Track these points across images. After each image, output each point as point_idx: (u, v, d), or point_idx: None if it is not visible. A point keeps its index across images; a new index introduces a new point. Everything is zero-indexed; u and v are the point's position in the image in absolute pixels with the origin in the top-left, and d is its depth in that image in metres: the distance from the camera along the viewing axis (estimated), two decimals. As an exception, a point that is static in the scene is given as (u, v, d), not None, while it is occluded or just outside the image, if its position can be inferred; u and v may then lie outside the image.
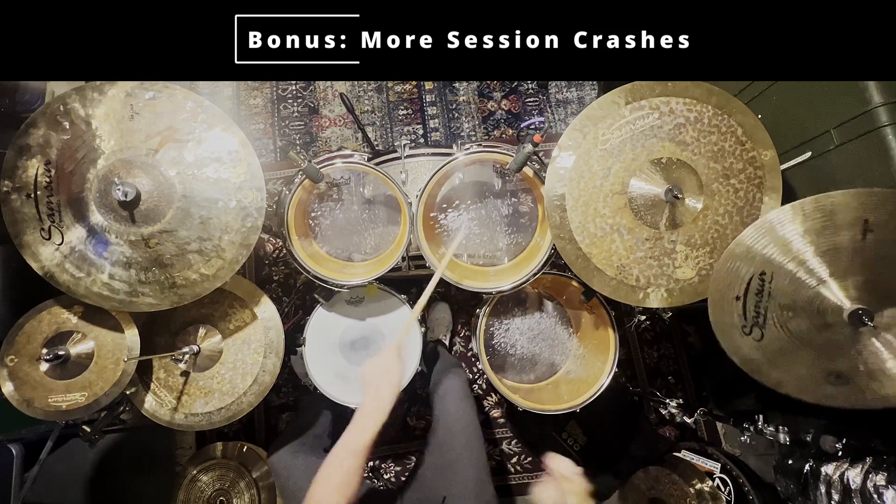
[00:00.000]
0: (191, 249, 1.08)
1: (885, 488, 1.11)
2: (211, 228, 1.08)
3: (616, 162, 1.08)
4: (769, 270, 0.96)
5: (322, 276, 1.27)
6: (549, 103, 2.15)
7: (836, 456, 1.21)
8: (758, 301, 0.97)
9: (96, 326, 1.17)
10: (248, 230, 1.09)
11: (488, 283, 1.34)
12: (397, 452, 1.79)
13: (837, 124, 1.11)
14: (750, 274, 0.97)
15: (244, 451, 1.61)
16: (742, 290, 0.98)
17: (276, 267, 1.94)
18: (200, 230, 1.07)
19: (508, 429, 1.83)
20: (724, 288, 0.99)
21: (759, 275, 0.97)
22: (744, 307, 0.98)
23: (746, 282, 0.97)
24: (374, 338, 1.40)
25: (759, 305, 0.97)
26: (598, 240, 1.09)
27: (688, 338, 1.91)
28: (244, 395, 1.24)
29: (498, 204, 1.41)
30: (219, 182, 1.07)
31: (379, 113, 2.12)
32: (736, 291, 0.98)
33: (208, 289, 1.11)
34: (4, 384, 1.14)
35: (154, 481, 1.71)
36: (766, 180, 1.07)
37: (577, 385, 1.42)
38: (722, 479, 1.50)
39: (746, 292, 0.98)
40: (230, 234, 1.08)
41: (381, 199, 1.44)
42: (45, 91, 1.74)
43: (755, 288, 0.97)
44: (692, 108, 1.07)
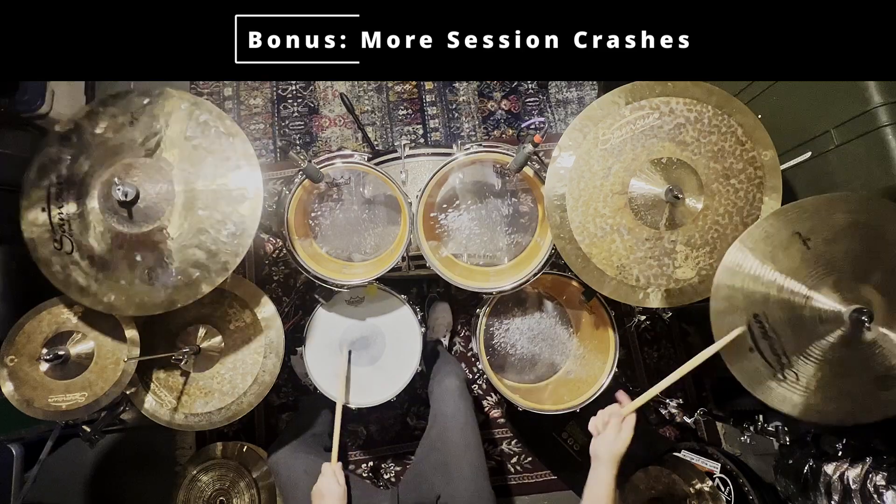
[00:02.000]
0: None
1: (885, 488, 1.11)
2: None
3: (616, 162, 1.08)
4: (760, 311, 0.95)
5: (322, 276, 1.27)
6: (549, 103, 2.15)
7: (836, 456, 1.21)
8: (771, 344, 0.95)
9: (96, 326, 1.17)
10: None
11: (488, 283, 1.34)
12: (397, 452, 1.79)
13: (837, 124, 1.11)
14: (746, 322, 0.95)
15: (244, 451, 1.61)
16: (749, 340, 0.95)
17: (276, 267, 1.94)
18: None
19: (508, 429, 1.83)
20: (734, 348, 0.96)
21: (755, 318, 0.95)
22: (762, 356, 0.95)
23: (748, 330, 0.95)
24: (374, 338, 1.40)
25: (776, 347, 0.94)
26: (598, 240, 1.09)
27: (688, 338, 1.91)
28: (244, 395, 1.24)
29: (498, 204, 1.41)
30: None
31: (379, 113, 2.12)
32: (747, 344, 0.95)
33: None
34: (4, 384, 1.14)
35: (154, 481, 1.71)
36: (766, 180, 1.07)
37: (577, 385, 1.42)
38: (722, 479, 1.50)
39: (755, 340, 0.95)
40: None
41: (381, 199, 1.44)
42: (45, 91, 1.74)
43: (759, 333, 0.95)
44: (692, 108, 1.07)
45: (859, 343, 0.93)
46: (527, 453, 1.81)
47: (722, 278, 0.98)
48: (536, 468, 1.80)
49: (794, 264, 0.94)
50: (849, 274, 0.93)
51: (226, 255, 1.08)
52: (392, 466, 1.79)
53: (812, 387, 0.94)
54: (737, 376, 0.96)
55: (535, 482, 1.79)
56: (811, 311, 0.94)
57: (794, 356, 0.94)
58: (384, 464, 1.79)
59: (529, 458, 1.81)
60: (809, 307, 0.94)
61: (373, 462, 1.78)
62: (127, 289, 1.09)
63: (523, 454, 1.81)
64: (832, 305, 0.93)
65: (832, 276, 0.93)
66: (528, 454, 1.81)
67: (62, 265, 1.08)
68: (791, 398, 0.95)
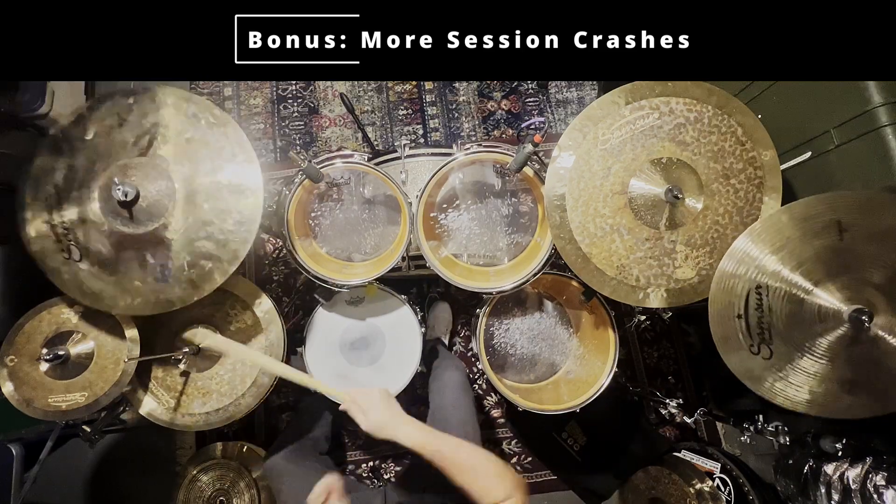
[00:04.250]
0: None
1: (885, 488, 1.11)
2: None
3: (616, 162, 1.08)
4: (765, 284, 0.95)
5: (322, 276, 1.27)
6: (549, 103, 2.15)
7: (836, 456, 1.21)
8: (759, 317, 0.96)
9: (96, 326, 1.17)
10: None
11: (488, 283, 1.34)
12: (397, 452, 1.79)
13: (837, 124, 1.11)
14: (746, 290, 0.96)
15: (244, 451, 1.61)
16: (741, 307, 0.97)
17: (276, 267, 1.94)
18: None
19: (508, 429, 1.83)
20: (723, 308, 0.98)
21: (757, 288, 0.96)
22: (746, 325, 0.97)
23: (744, 298, 0.96)
24: (374, 338, 1.40)
25: (763, 322, 0.96)
26: (598, 240, 1.09)
27: (688, 338, 1.91)
28: (242, 396, 1.23)
29: (498, 204, 1.41)
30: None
31: (379, 113, 2.12)
32: (736, 310, 0.97)
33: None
34: (4, 384, 1.14)
35: (154, 481, 1.71)
36: (766, 180, 1.07)
37: (577, 385, 1.42)
38: (722, 479, 1.50)
39: (746, 309, 0.96)
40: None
41: (381, 199, 1.44)
42: (45, 91, 1.74)
43: (754, 303, 0.96)
44: (692, 108, 1.07)
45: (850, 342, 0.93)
46: (527, 453, 1.81)
47: (740, 244, 0.98)
48: (536, 468, 1.80)
49: (810, 253, 0.94)
50: (862, 275, 0.93)
51: (235, 243, 1.08)
52: (392, 466, 1.79)
53: (780, 367, 0.97)
54: (714, 335, 0.99)
55: (535, 482, 1.79)
56: (812, 302, 0.94)
57: (778, 337, 0.96)
58: (384, 464, 1.79)
59: (529, 458, 1.81)
60: (811, 298, 0.94)
61: (373, 462, 1.78)
62: (142, 289, 1.09)
63: (523, 454, 1.81)
64: (834, 303, 0.93)
65: (846, 274, 0.93)
66: (528, 454, 1.81)
67: (72, 273, 1.08)
68: (754, 370, 0.98)
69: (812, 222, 0.94)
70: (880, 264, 0.92)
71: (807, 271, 0.94)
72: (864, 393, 0.94)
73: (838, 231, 0.93)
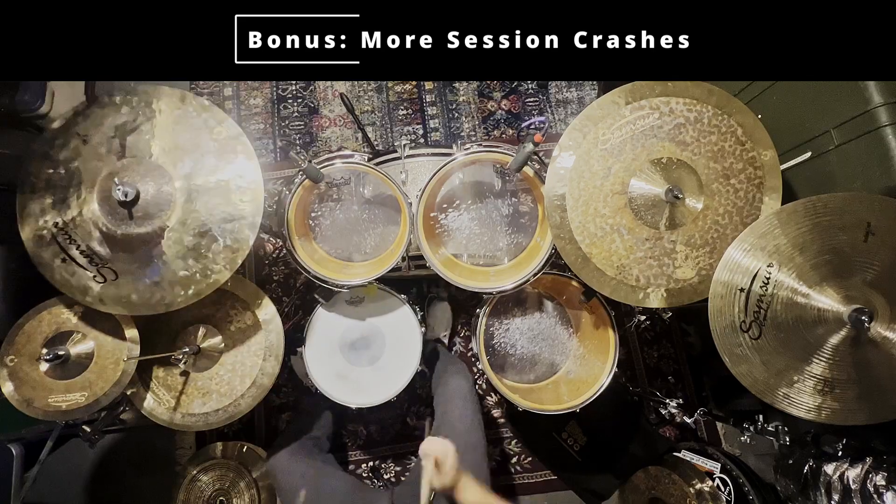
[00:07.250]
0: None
1: (885, 488, 1.11)
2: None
3: (616, 162, 1.08)
4: (776, 262, 0.95)
5: (322, 276, 1.27)
6: (549, 103, 2.15)
7: (836, 456, 1.21)
8: (761, 296, 0.96)
9: (96, 326, 1.17)
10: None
11: (488, 283, 1.34)
12: (397, 452, 1.79)
13: (837, 124, 1.11)
14: (757, 266, 0.96)
15: (244, 451, 1.61)
16: (747, 283, 0.97)
17: (276, 267, 1.94)
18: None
19: (508, 429, 1.83)
20: (728, 278, 0.98)
21: (768, 266, 0.96)
22: (745, 300, 0.97)
23: (753, 274, 0.96)
24: (375, 338, 1.40)
25: (762, 304, 0.96)
26: (598, 240, 1.09)
27: (688, 338, 1.91)
28: (242, 397, 1.23)
29: (498, 204, 1.41)
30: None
31: (379, 113, 2.12)
32: (739, 285, 0.98)
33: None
34: (4, 384, 1.14)
35: (154, 481, 1.71)
36: (766, 180, 1.07)
37: (577, 385, 1.42)
38: (722, 479, 1.50)
39: (751, 285, 0.97)
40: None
41: (381, 199, 1.44)
42: (45, 91, 1.74)
43: (761, 282, 0.96)
44: (692, 108, 1.07)
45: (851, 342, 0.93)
46: (527, 453, 1.81)
47: (761, 224, 0.98)
48: (536, 468, 1.79)
49: (827, 246, 0.94)
50: (871, 279, 0.93)
51: (235, 243, 1.08)
52: (392, 466, 1.79)
53: (764, 353, 0.97)
54: (710, 302, 1.00)
55: (535, 482, 1.78)
56: (816, 296, 0.95)
57: (769, 322, 0.96)
58: (384, 464, 1.79)
59: (529, 459, 1.81)
60: (818, 291, 0.95)
61: (373, 462, 1.78)
62: (150, 287, 1.09)
63: (523, 454, 1.81)
64: (833, 305, 0.93)
65: (858, 275, 0.93)
66: (528, 454, 1.81)
67: (76, 278, 1.09)
68: (741, 354, 0.98)
69: (843, 216, 0.93)
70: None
71: (817, 265, 0.94)
72: (867, 401, 0.95)
73: (865, 232, 0.92)
